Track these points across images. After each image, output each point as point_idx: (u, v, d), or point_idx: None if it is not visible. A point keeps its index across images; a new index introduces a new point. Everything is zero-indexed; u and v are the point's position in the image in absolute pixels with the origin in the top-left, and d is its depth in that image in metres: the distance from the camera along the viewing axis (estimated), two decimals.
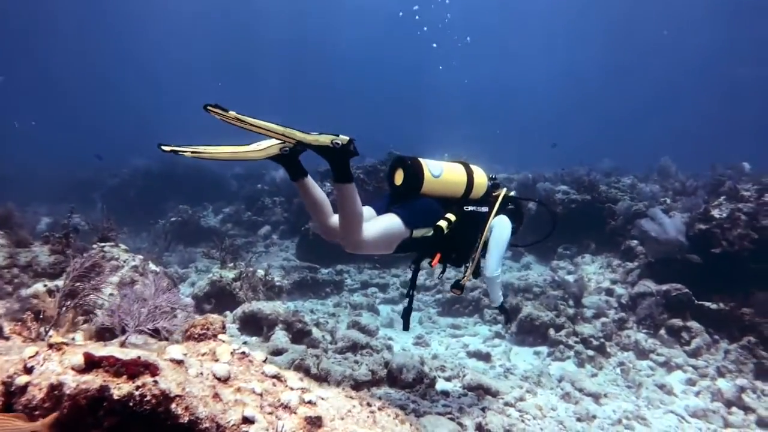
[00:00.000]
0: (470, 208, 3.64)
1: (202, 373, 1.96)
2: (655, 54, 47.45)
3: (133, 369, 1.66)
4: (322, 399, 2.17)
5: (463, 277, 3.76)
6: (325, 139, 2.79)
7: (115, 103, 56.91)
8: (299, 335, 5.72)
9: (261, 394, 1.99)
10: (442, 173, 3.45)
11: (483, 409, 4.21)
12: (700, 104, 53.19)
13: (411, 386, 4.57)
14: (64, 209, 8.00)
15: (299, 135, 2.76)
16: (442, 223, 3.34)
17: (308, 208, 3.26)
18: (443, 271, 4.02)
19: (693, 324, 6.55)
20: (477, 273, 3.85)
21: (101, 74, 54.35)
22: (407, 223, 3.25)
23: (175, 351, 1.98)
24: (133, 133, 35.69)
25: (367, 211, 3.35)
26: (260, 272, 7.41)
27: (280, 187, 15.01)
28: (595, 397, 5.13)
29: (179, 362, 1.94)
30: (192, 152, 2.72)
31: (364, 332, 6.44)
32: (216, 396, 1.86)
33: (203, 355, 2.21)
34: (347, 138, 2.83)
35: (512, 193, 4.02)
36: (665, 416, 4.95)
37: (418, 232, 3.34)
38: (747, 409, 5.07)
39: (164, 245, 11.52)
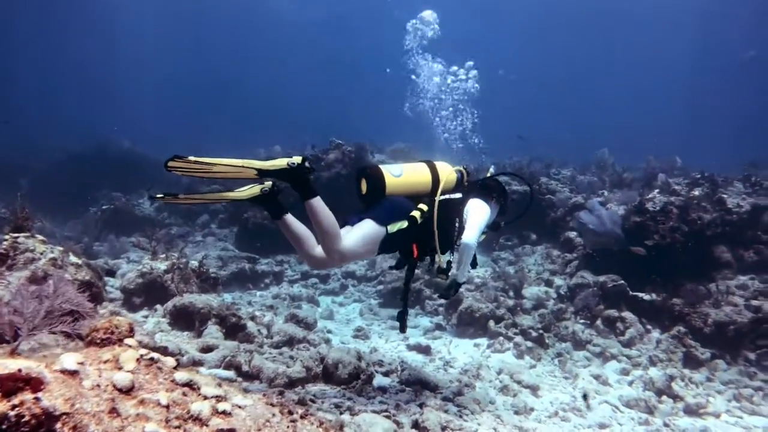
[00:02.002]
0: (444, 196, 3.75)
1: (99, 385, 1.73)
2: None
3: (10, 385, 1.42)
4: (240, 407, 1.98)
5: (438, 261, 3.77)
6: (281, 162, 3.07)
7: (45, 86, 53.83)
8: (233, 329, 5.45)
9: (168, 406, 1.77)
10: (403, 173, 3.68)
11: (420, 405, 4.10)
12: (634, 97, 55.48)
13: (347, 382, 4.41)
14: None
15: (257, 164, 3.03)
16: (415, 213, 3.53)
17: (292, 243, 3.44)
18: (432, 262, 3.89)
19: (628, 315, 6.70)
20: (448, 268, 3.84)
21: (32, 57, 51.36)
22: (380, 222, 3.47)
23: (69, 360, 1.74)
24: (66, 118, 33.76)
25: (345, 230, 3.52)
26: (194, 263, 7.07)
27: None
28: (533, 389, 5.14)
29: (73, 373, 1.71)
30: (185, 197, 3.10)
31: (301, 325, 6.24)
32: (113, 411, 1.63)
33: (105, 362, 1.95)
34: (300, 157, 3.10)
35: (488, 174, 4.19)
36: (600, 406, 5.00)
37: (393, 227, 3.49)
38: (676, 397, 5.20)
39: (95, 235, 10.91)
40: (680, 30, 44.15)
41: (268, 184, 3.19)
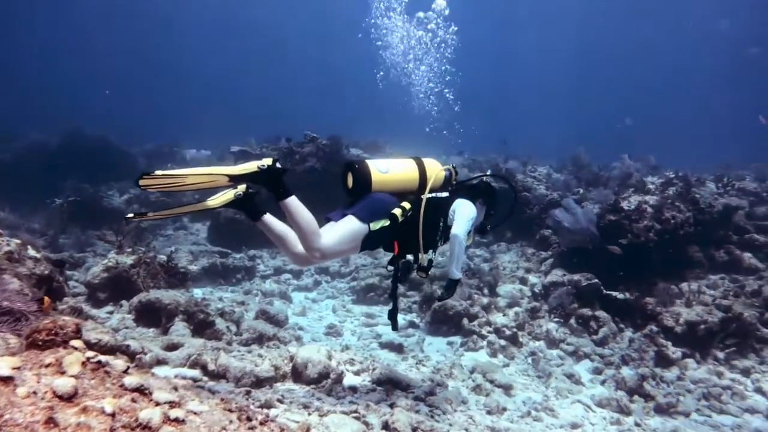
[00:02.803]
0: (430, 195, 3.68)
1: (36, 392, 1.59)
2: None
3: None
4: (195, 414, 1.85)
5: (421, 259, 3.74)
6: (251, 166, 3.05)
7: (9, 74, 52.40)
8: (201, 326, 5.31)
9: (113, 414, 1.64)
10: (390, 169, 3.63)
11: (391, 406, 4.01)
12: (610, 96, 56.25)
13: (317, 382, 4.29)
14: None
15: (228, 170, 3.02)
16: (397, 211, 3.47)
17: (274, 242, 3.46)
18: (415, 260, 3.83)
19: (601, 313, 6.70)
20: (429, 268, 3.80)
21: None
22: (363, 219, 3.43)
23: (2, 365, 1.60)
24: (30, 107, 32.79)
25: (328, 227, 3.51)
26: (162, 257, 6.87)
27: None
28: (506, 388, 5.09)
29: (6, 379, 1.57)
30: (155, 215, 3.09)
31: (272, 322, 6.12)
32: (50, 421, 1.50)
33: (47, 366, 1.81)
34: (270, 159, 3.08)
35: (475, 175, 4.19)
36: (572, 406, 4.99)
37: (375, 225, 3.46)
38: (647, 396, 5.20)
39: (60, 227, 10.56)
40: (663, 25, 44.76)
41: (242, 188, 3.18)
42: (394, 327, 3.98)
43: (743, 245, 8.52)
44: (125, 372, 1.89)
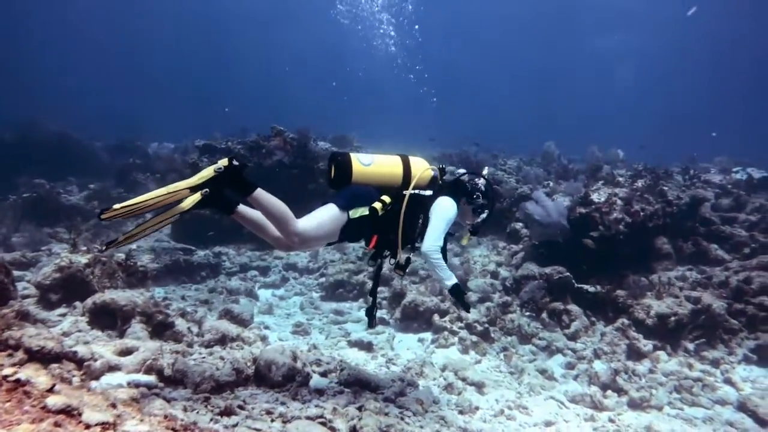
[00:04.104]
0: (413, 191, 3.66)
1: None
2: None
3: None
4: None
5: (397, 256, 3.67)
6: (208, 172, 3.05)
7: None
8: (160, 328, 5.03)
9: None
10: (373, 162, 3.61)
11: (360, 408, 3.82)
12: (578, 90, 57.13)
13: (281, 385, 4.08)
14: None
15: (186, 183, 3.00)
16: (377, 205, 3.45)
17: (254, 232, 3.47)
18: (394, 255, 3.72)
19: (573, 307, 6.64)
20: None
21: None
22: (342, 207, 3.47)
23: None
24: None
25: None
26: (121, 256, 6.54)
27: (154, 162, 13.75)
28: (478, 386, 4.97)
29: None
30: (125, 237, 3.01)
31: (236, 322, 5.87)
32: None
33: None
34: (225, 159, 3.10)
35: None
36: (546, 402, 4.90)
37: (354, 213, 3.48)
38: (620, 391, 5.14)
39: (13, 225, 10.04)
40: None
41: (206, 190, 3.10)
42: (371, 325, 3.94)
43: (709, 237, 8.59)
44: (50, 390, 1.66)
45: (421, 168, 3.74)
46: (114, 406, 1.80)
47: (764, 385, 5.49)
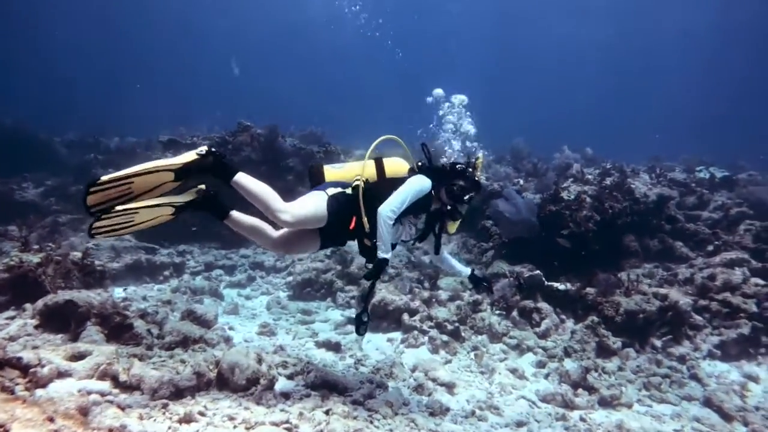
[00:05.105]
0: (390, 177, 3.69)
1: None
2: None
3: None
4: None
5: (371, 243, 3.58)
6: (190, 155, 3.14)
7: None
8: (117, 330, 4.77)
9: None
10: (344, 166, 3.74)
11: (327, 413, 3.68)
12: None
13: (245, 389, 3.90)
14: None
15: (167, 162, 3.05)
16: (358, 181, 3.52)
17: (250, 238, 3.56)
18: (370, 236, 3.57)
19: (543, 305, 6.60)
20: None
21: None
22: (321, 189, 3.55)
23: None
24: None
25: None
26: (77, 254, 6.24)
27: (116, 157, 13.28)
28: (449, 387, 4.87)
29: None
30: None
31: (199, 323, 5.65)
32: None
33: None
34: (204, 147, 3.20)
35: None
36: (517, 402, 4.83)
37: (333, 191, 3.53)
38: (591, 389, 5.11)
39: None
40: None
41: (201, 187, 3.28)
42: (360, 331, 3.76)
43: (675, 234, 8.70)
44: None
45: (397, 163, 3.77)
46: (52, 420, 1.63)
47: (728, 381, 5.56)
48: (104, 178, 2.86)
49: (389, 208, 3.40)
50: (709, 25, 40.22)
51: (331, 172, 3.69)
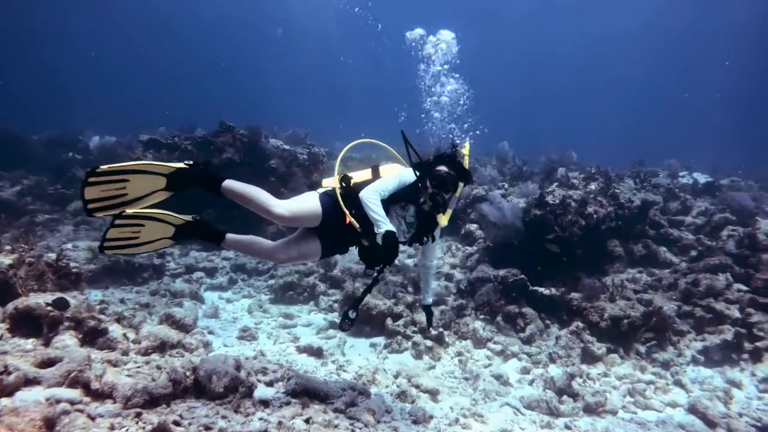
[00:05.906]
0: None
1: None
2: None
3: None
4: None
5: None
6: (179, 163, 3.25)
7: None
8: (92, 335, 4.62)
9: None
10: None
11: (307, 421, 3.57)
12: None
13: (223, 396, 3.77)
14: None
15: (161, 164, 3.19)
16: (347, 177, 3.57)
17: (251, 256, 3.88)
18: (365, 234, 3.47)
19: (528, 310, 6.55)
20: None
21: None
22: (311, 188, 3.68)
23: None
24: None
25: None
26: (51, 256, 6.06)
27: (95, 156, 13.02)
28: (433, 393, 4.79)
29: None
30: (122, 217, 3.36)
31: (177, 327, 5.50)
32: None
33: None
34: (191, 161, 3.31)
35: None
36: (501, 409, 4.76)
37: (324, 190, 3.59)
38: (576, 396, 5.05)
39: None
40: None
41: (196, 216, 3.48)
42: (343, 327, 3.83)
43: (658, 240, 8.72)
44: None
45: (392, 166, 3.80)
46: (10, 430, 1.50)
47: (712, 387, 5.53)
48: (103, 167, 2.99)
49: (369, 188, 3.42)
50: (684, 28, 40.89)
51: (327, 180, 3.73)
